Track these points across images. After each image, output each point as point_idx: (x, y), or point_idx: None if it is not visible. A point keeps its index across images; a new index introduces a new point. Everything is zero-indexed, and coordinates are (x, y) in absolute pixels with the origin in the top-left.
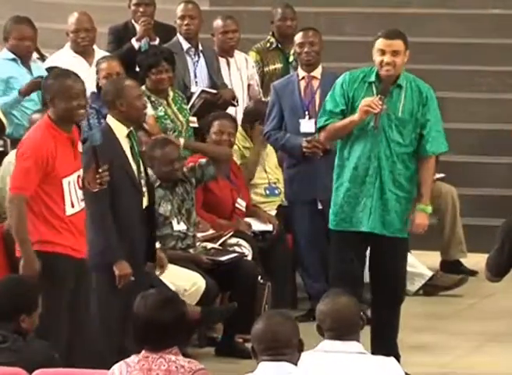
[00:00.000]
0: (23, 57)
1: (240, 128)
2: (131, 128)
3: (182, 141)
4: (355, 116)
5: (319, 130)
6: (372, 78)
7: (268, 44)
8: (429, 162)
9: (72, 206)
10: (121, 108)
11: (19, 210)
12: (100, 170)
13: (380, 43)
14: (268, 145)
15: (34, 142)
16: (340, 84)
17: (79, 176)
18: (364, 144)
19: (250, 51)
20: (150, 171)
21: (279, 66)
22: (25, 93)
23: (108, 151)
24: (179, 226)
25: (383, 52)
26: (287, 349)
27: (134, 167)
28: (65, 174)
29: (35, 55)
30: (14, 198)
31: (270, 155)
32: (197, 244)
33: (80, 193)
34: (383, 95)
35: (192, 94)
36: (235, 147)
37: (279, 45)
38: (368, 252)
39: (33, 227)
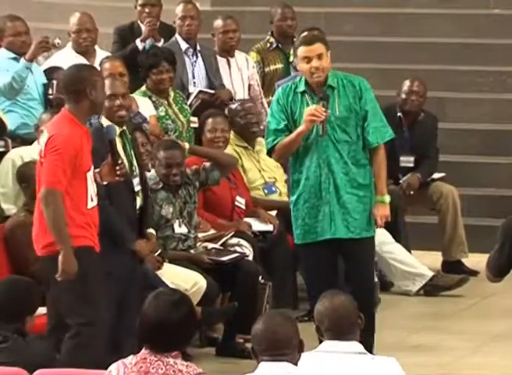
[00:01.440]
0: (21, 54)
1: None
2: (123, 128)
3: (187, 145)
4: (301, 128)
5: (269, 151)
6: (302, 87)
7: (268, 45)
8: (379, 153)
9: (92, 200)
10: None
11: (56, 205)
12: (119, 162)
13: (302, 51)
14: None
15: (64, 137)
16: (276, 101)
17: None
18: (312, 153)
19: (250, 51)
20: (152, 172)
21: (279, 66)
22: (31, 57)
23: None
24: (180, 230)
25: (309, 59)
26: (287, 349)
27: (127, 166)
28: (88, 168)
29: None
30: (49, 193)
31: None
32: (198, 244)
33: (95, 187)
34: (325, 101)
35: (189, 94)
36: (231, 148)
37: (279, 45)
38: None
39: (69, 221)
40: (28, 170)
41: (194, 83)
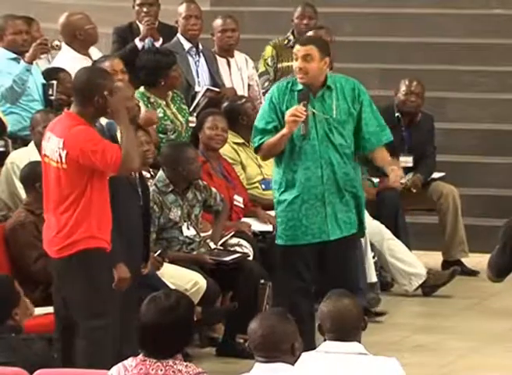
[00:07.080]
0: (21, 53)
1: None
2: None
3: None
4: (284, 130)
5: (256, 150)
6: (299, 86)
7: (286, 41)
8: (379, 150)
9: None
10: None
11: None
12: None
13: (294, 49)
14: None
15: (80, 131)
16: (270, 99)
17: None
18: (312, 154)
19: (266, 45)
20: (161, 173)
21: (292, 64)
22: (31, 59)
23: None
24: (188, 232)
25: (296, 58)
26: (282, 350)
27: None
28: None
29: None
30: (123, 161)
31: None
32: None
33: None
34: (305, 101)
35: (196, 93)
36: (228, 146)
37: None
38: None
39: (87, 223)
40: (35, 170)
41: (198, 82)
